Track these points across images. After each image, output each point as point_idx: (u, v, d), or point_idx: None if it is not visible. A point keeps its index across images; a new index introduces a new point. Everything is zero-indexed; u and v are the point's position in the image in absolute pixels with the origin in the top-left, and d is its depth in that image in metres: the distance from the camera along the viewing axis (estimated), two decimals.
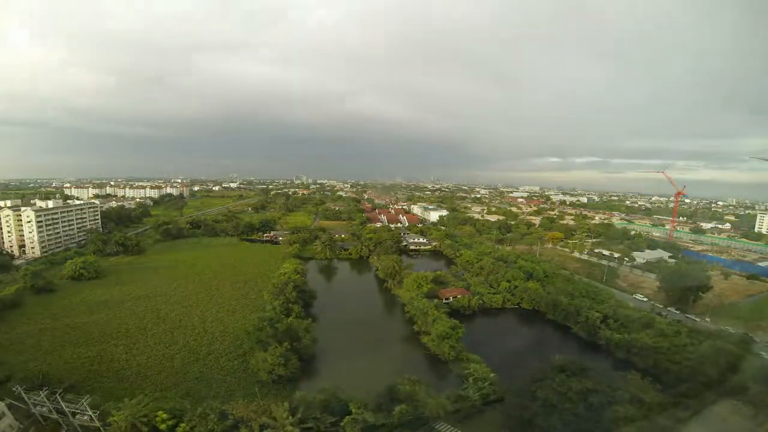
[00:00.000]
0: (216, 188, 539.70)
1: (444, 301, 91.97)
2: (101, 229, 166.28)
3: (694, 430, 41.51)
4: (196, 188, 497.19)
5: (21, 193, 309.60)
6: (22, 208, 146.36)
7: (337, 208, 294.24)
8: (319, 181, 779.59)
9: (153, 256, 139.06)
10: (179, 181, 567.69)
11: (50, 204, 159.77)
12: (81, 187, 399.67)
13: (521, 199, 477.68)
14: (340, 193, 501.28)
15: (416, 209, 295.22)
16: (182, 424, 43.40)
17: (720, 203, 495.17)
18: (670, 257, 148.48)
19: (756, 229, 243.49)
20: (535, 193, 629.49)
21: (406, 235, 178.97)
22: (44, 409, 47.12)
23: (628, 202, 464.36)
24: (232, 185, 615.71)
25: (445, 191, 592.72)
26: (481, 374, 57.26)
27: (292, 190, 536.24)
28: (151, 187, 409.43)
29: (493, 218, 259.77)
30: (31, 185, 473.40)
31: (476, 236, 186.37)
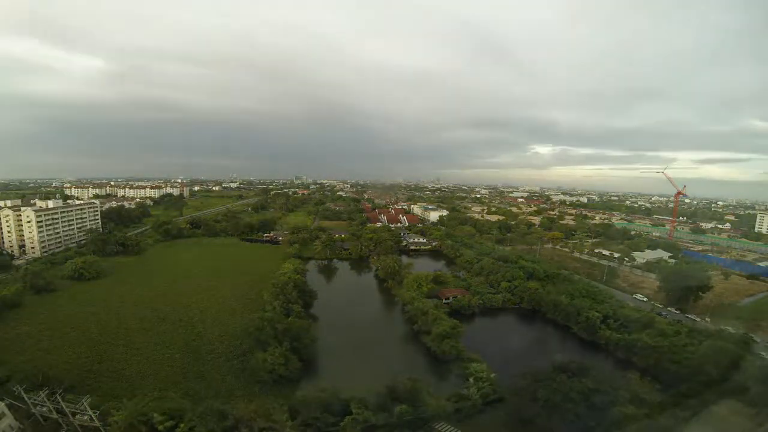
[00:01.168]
0: (216, 188, 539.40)
1: (444, 301, 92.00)
2: (101, 229, 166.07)
3: (694, 430, 41.48)
4: (196, 188, 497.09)
5: (21, 193, 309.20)
6: (22, 208, 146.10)
7: (337, 208, 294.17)
8: (319, 181, 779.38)
9: (153, 256, 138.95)
10: (179, 181, 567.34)
11: (50, 204, 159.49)
12: (81, 187, 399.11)
13: (521, 199, 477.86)
14: (340, 193, 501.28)
15: (416, 209, 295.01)
16: (182, 424, 43.31)
17: (720, 203, 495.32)
18: (670, 257, 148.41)
19: (756, 229, 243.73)
20: (536, 193, 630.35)
21: (406, 235, 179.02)
22: (44, 409, 47.07)
23: (628, 202, 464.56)
24: (232, 185, 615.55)
25: (445, 191, 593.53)
26: (482, 374, 57.24)
27: (292, 190, 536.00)
28: (151, 187, 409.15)
29: (493, 218, 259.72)
30: (31, 185, 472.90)
31: (476, 236, 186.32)
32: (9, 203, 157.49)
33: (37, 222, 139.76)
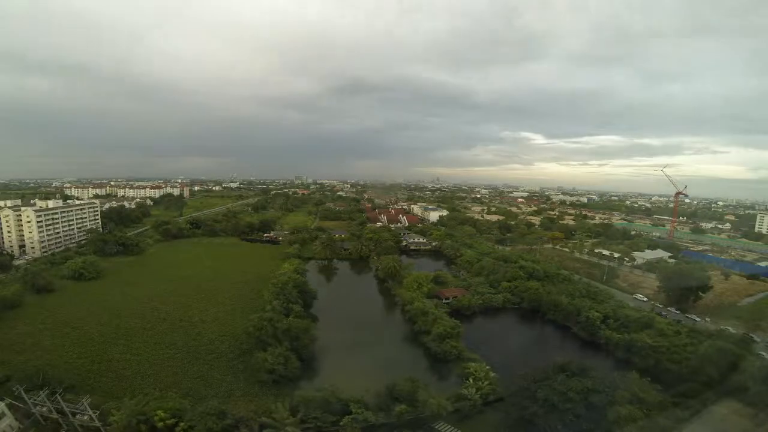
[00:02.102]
0: (216, 188, 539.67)
1: (444, 300, 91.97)
2: (101, 229, 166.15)
3: (694, 430, 41.52)
4: (196, 188, 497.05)
5: (21, 193, 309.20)
6: (22, 208, 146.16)
7: (337, 208, 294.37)
8: (319, 181, 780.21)
9: (153, 256, 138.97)
10: (179, 181, 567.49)
11: (50, 204, 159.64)
12: (81, 187, 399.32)
13: (521, 199, 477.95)
14: (340, 193, 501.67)
15: (416, 209, 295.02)
16: (182, 424, 43.35)
17: (720, 203, 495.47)
18: (670, 257, 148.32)
19: (756, 229, 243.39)
20: (535, 193, 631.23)
21: (406, 235, 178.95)
22: (44, 409, 47.07)
23: (628, 202, 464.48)
24: (232, 185, 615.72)
25: (445, 191, 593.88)
26: (482, 374, 57.24)
27: (292, 190, 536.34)
28: (151, 187, 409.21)
29: (493, 218, 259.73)
30: (31, 185, 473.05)
31: (476, 236, 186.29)
32: (9, 203, 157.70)
33: (37, 222, 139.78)
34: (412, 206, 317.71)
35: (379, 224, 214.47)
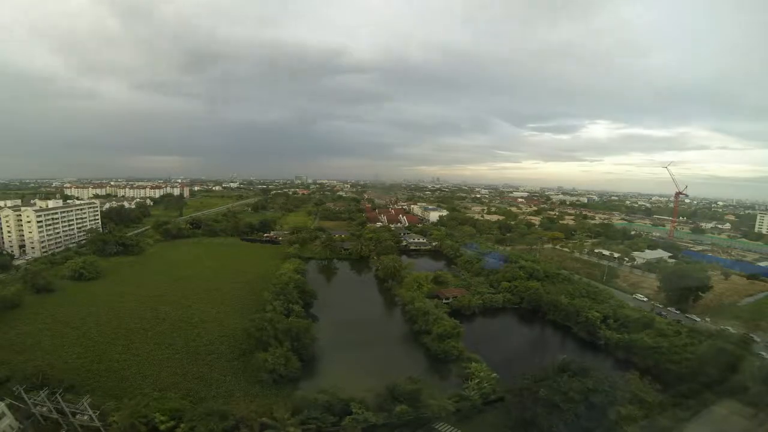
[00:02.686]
0: (216, 188, 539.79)
1: (444, 300, 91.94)
2: (101, 229, 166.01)
3: (694, 430, 41.47)
4: (196, 188, 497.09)
5: (21, 193, 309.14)
6: (22, 208, 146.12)
7: (337, 208, 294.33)
8: (319, 181, 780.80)
9: (153, 256, 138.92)
10: (179, 181, 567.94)
11: (50, 204, 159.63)
12: (81, 187, 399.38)
13: (521, 199, 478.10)
14: (340, 193, 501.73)
15: (416, 209, 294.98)
16: (182, 425, 43.33)
17: (720, 203, 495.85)
18: (670, 257, 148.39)
19: (756, 229, 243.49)
20: (535, 193, 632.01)
21: (406, 235, 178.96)
22: (44, 409, 47.06)
23: (628, 202, 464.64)
24: (232, 185, 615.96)
25: (445, 191, 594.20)
26: (482, 374, 57.26)
27: (292, 190, 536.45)
28: (151, 187, 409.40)
29: (493, 218, 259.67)
30: (31, 185, 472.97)
31: (476, 236, 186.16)
32: (9, 203, 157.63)
33: (37, 222, 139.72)
34: (412, 206, 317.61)
35: (379, 224, 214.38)
